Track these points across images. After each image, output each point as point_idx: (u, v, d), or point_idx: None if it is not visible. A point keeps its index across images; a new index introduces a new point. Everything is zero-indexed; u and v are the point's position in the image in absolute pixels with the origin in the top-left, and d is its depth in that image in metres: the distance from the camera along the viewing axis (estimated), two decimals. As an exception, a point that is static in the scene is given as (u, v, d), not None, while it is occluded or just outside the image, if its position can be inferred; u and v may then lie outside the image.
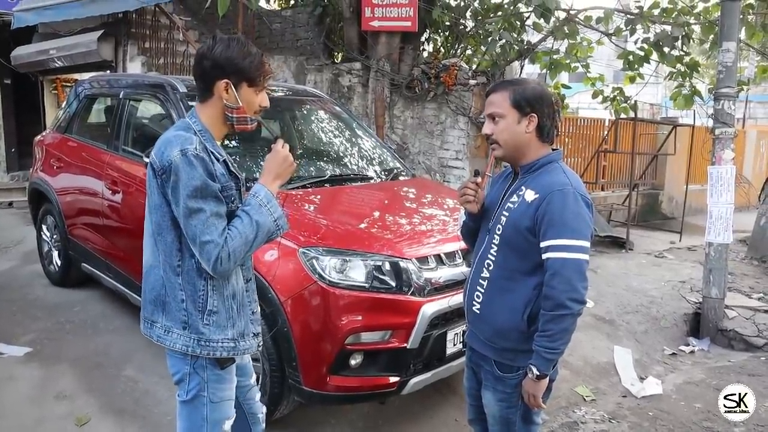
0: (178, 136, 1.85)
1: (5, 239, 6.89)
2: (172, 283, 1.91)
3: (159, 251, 1.91)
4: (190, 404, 1.98)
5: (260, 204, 1.89)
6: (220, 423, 2.01)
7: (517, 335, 2.05)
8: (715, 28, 6.23)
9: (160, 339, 1.96)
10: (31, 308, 4.74)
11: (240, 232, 1.83)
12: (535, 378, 2.00)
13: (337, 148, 4.63)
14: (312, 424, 3.26)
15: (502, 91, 2.07)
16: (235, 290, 1.99)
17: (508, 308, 2.06)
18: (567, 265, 1.92)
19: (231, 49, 1.86)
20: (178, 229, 1.86)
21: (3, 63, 9.93)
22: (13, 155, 10.76)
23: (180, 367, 1.97)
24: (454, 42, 8.42)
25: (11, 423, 3.16)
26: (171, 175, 1.80)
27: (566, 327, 1.94)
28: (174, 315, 1.92)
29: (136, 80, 4.75)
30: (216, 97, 1.90)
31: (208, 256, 1.79)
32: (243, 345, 2.01)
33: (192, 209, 1.78)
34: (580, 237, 1.94)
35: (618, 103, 7.96)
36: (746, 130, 14.20)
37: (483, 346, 2.18)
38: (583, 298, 1.94)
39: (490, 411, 2.21)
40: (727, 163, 4.95)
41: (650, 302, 5.49)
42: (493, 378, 2.16)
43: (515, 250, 2.05)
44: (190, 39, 8.71)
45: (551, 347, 1.95)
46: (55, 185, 5.05)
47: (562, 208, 1.94)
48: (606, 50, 8.31)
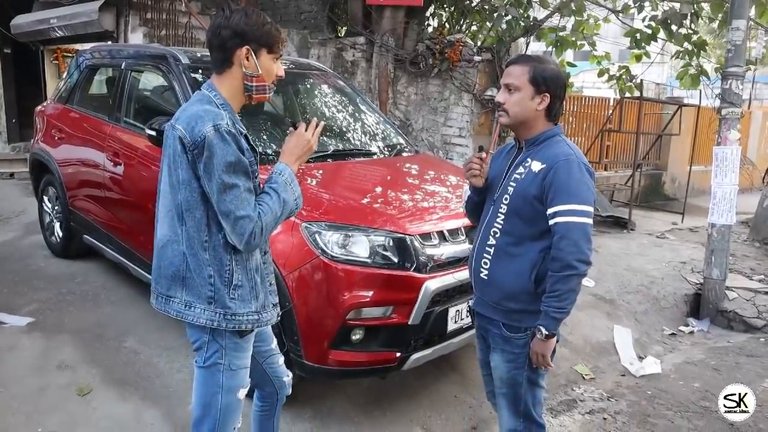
0: (208, 111, 1.85)
1: (7, 210, 6.89)
2: (198, 258, 1.91)
3: (185, 227, 1.91)
4: (207, 371, 2.00)
5: (286, 182, 1.95)
6: (234, 390, 2.04)
7: (525, 297, 2.17)
8: (725, 6, 6.15)
9: (180, 314, 1.96)
10: (33, 279, 4.75)
11: (271, 208, 1.88)
12: (543, 337, 2.10)
13: (341, 123, 4.59)
14: (313, 399, 3.29)
15: (523, 64, 2.16)
16: (257, 264, 2.02)
17: (515, 272, 2.17)
18: (573, 229, 2.04)
19: (249, 17, 1.90)
20: (207, 204, 1.87)
21: (3, 32, 9.82)
22: (14, 126, 10.70)
23: (200, 335, 1.99)
24: (459, 17, 8.33)
25: (14, 392, 3.19)
26: (204, 151, 1.80)
27: (573, 287, 2.06)
28: (197, 290, 1.93)
29: (138, 51, 4.69)
30: (236, 67, 1.92)
31: (242, 230, 1.82)
32: (265, 316, 2.05)
33: (227, 185, 1.80)
34: (585, 203, 2.06)
35: (623, 82, 7.89)
36: (752, 111, 14.07)
37: (491, 310, 2.27)
38: (589, 259, 2.06)
39: (498, 373, 2.31)
40: (733, 144, 4.92)
41: (651, 282, 5.50)
42: (501, 339, 2.26)
43: (522, 218, 2.16)
44: (192, 11, 8.61)
45: (559, 306, 2.06)
46: (57, 156, 5.02)
47: (568, 177, 2.07)
48: (613, 28, 8.19)
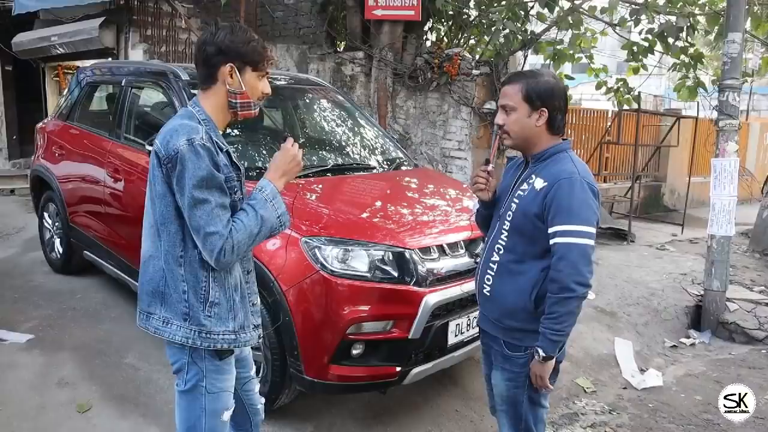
0: (184, 125, 1.83)
1: (7, 226, 6.89)
2: (174, 274, 1.89)
3: (161, 241, 1.89)
4: (189, 394, 1.96)
5: (266, 199, 1.89)
6: (218, 414, 1.99)
7: (524, 315, 2.13)
8: (721, 19, 6.20)
9: (158, 331, 1.93)
10: (33, 295, 4.75)
11: (245, 225, 1.83)
12: (541, 359, 2.07)
13: (340, 137, 4.61)
14: (313, 413, 3.27)
15: (514, 83, 2.13)
16: (236, 282, 1.98)
17: (516, 289, 2.14)
18: (573, 250, 1.99)
19: (234, 34, 1.88)
20: (182, 219, 1.84)
21: (4, 49, 9.89)
22: (14, 142, 10.75)
23: (179, 356, 1.95)
24: (457, 31, 8.38)
25: (13, 410, 3.17)
26: (177, 165, 1.78)
27: (571, 309, 2.02)
28: (174, 306, 1.90)
29: (138, 68, 4.72)
30: (219, 83, 1.90)
31: (212, 247, 1.78)
32: (243, 337, 2.00)
33: (197, 200, 1.77)
34: (586, 223, 2.01)
35: (621, 95, 7.92)
36: (750, 123, 14.13)
37: (492, 327, 2.26)
38: (588, 282, 2.01)
39: (498, 391, 2.29)
40: (731, 155, 4.94)
41: (651, 294, 5.49)
42: (501, 357, 2.24)
43: (524, 236, 2.13)
44: (192, 27, 8.66)
45: (557, 329, 2.02)
46: (57, 173, 5.04)
47: (569, 196, 2.01)
48: (610, 41, 8.26)
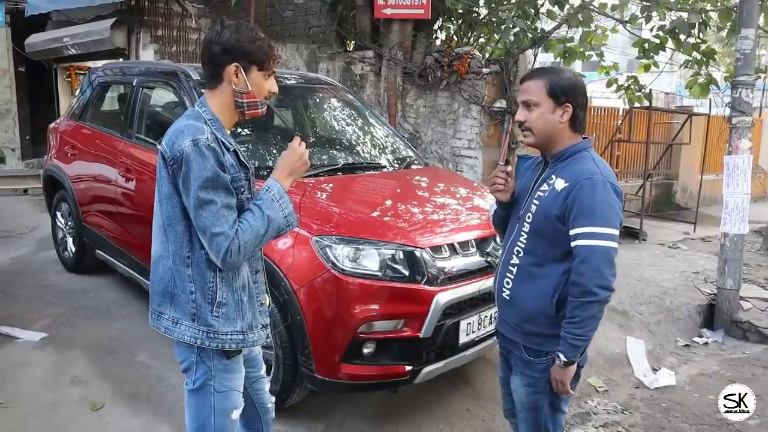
0: (189, 126, 1.83)
1: (20, 226, 6.96)
2: (181, 274, 1.89)
3: (169, 242, 1.90)
4: (198, 393, 1.97)
5: (272, 199, 1.88)
6: (227, 412, 1.99)
7: (544, 320, 2.07)
8: (733, 15, 6.14)
9: (168, 331, 1.94)
10: (46, 294, 4.79)
11: (251, 226, 1.82)
12: (562, 365, 2.01)
13: (350, 136, 4.61)
14: (324, 412, 3.28)
15: (537, 79, 2.06)
16: (244, 282, 1.98)
17: (536, 293, 2.08)
18: (595, 253, 1.93)
19: (240, 34, 1.86)
20: (189, 220, 1.84)
21: (17, 50, 9.98)
22: (27, 143, 10.84)
23: (187, 355, 1.96)
24: (467, 30, 8.36)
25: (27, 407, 3.20)
26: (182, 166, 1.79)
27: (593, 314, 1.96)
28: (183, 307, 1.91)
29: (149, 68, 4.75)
30: (226, 83, 1.89)
31: (218, 248, 1.78)
32: (252, 337, 1.99)
33: (203, 200, 1.77)
34: (609, 225, 1.95)
35: (632, 92, 7.86)
36: (763, 119, 13.99)
37: (512, 331, 2.20)
38: (611, 285, 1.95)
39: (518, 397, 2.23)
40: (744, 153, 4.89)
41: (663, 293, 5.45)
42: (521, 363, 2.18)
43: (545, 238, 2.07)
44: (202, 27, 8.70)
45: (578, 334, 1.97)
46: (70, 172, 5.07)
47: (592, 197, 1.95)
48: (621, 38, 8.19)
